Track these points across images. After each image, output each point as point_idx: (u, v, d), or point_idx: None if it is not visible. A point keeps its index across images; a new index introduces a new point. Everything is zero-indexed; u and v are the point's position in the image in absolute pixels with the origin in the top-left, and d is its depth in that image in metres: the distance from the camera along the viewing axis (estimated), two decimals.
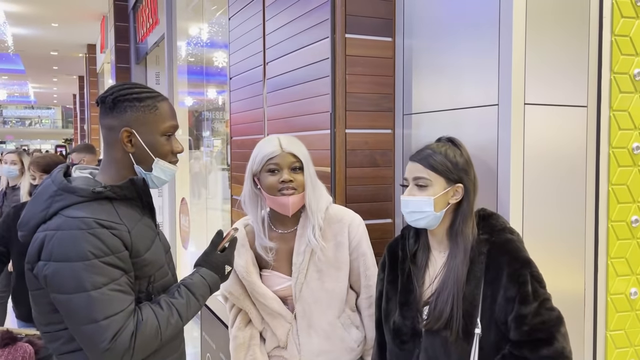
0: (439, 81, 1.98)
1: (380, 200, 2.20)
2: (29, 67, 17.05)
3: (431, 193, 1.46)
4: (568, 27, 1.72)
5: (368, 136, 2.17)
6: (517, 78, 1.63)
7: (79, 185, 1.34)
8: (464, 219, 1.47)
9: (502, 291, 1.39)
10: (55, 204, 1.30)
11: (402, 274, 1.56)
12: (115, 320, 1.25)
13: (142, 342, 1.29)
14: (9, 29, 11.25)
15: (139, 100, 1.39)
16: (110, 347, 1.24)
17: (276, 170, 1.69)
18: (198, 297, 1.44)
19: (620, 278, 1.84)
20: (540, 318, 1.36)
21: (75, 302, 1.24)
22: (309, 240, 1.72)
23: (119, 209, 1.35)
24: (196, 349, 3.33)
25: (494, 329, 1.41)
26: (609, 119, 1.79)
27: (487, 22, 1.72)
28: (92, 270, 1.24)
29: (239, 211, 3.10)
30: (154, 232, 1.45)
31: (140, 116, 1.39)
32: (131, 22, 7.65)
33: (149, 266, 1.37)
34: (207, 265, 1.51)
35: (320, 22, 2.18)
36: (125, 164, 1.41)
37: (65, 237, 1.25)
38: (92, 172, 1.47)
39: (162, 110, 1.42)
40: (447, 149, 1.50)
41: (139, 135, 1.38)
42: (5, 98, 28.89)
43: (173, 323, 1.36)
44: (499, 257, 1.42)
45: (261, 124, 2.77)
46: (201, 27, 5.34)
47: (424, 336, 1.48)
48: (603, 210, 1.80)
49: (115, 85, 1.44)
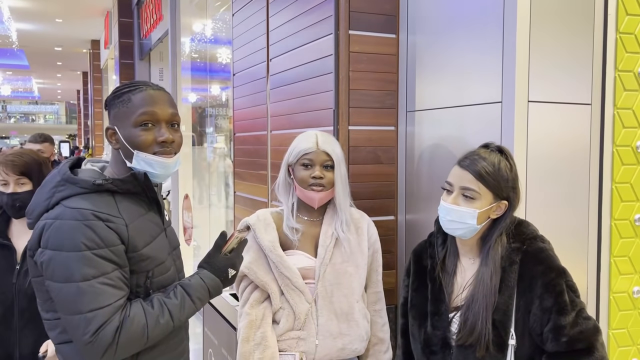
0: (442, 78, 1.97)
1: (383, 197, 2.20)
2: (33, 63, 17.07)
3: (477, 206, 1.40)
4: (572, 25, 1.71)
5: (371, 133, 2.17)
6: (520, 75, 1.63)
7: (82, 177, 1.35)
8: (500, 234, 1.43)
9: (538, 301, 1.36)
10: (58, 194, 1.32)
11: (432, 283, 1.52)
12: (100, 314, 1.25)
13: (127, 339, 1.28)
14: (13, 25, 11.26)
15: (117, 97, 1.41)
16: (92, 340, 1.24)
17: (309, 165, 1.79)
18: (194, 299, 1.41)
19: (623, 276, 1.84)
20: (578, 328, 1.33)
21: (65, 292, 1.25)
22: (337, 232, 1.83)
23: (120, 203, 1.36)
24: (198, 345, 3.34)
25: (527, 340, 1.38)
26: (613, 116, 1.79)
27: (491, 19, 1.72)
28: (84, 262, 1.25)
29: (242, 208, 3.11)
30: (158, 228, 1.45)
31: (117, 112, 1.40)
32: (135, 18, 7.65)
33: (146, 261, 1.37)
34: (208, 268, 1.47)
35: (324, 19, 2.18)
36: (119, 159, 1.43)
37: (62, 226, 1.27)
38: (104, 165, 1.49)
39: (135, 101, 1.38)
40: (500, 161, 1.41)
41: (119, 131, 1.40)
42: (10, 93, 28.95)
43: (162, 323, 1.34)
44: (533, 267, 1.39)
45: (264, 121, 2.77)
46: (205, 23, 5.34)
47: (455, 349, 1.45)
48: (606, 208, 1.79)
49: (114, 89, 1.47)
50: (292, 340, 1.80)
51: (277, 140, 2.65)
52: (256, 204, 2.85)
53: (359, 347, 1.84)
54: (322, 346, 1.78)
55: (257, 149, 2.89)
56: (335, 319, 1.80)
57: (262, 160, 2.81)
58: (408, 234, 2.19)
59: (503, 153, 1.45)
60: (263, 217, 1.88)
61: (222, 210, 5.00)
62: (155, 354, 1.40)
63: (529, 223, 1.48)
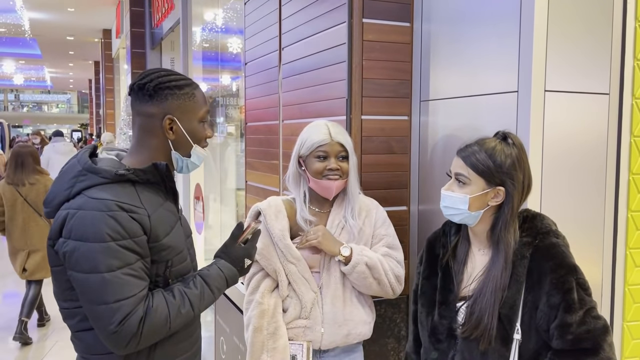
0: (456, 67, 1.95)
1: (396, 187, 2.19)
2: (45, 52, 17.16)
3: (468, 192, 1.41)
4: (591, 13, 1.68)
5: (384, 123, 2.16)
6: (537, 64, 1.60)
7: (102, 166, 1.35)
8: (505, 224, 1.40)
9: (545, 298, 1.35)
10: (79, 184, 1.32)
11: (442, 272, 1.52)
12: (125, 304, 1.26)
13: (150, 329, 1.30)
14: (25, 14, 11.32)
15: (178, 88, 1.43)
16: (117, 330, 1.26)
17: (324, 157, 1.80)
18: (213, 289, 1.44)
19: (638, 269, 1.82)
20: (585, 327, 1.32)
21: (90, 282, 1.26)
22: (347, 220, 1.84)
23: (141, 193, 1.36)
24: (210, 332, 3.37)
25: (534, 335, 1.37)
26: (631, 107, 1.76)
27: (507, 7, 1.69)
28: (108, 253, 1.26)
29: (254, 197, 3.11)
30: (175, 217, 1.46)
31: (181, 104, 1.43)
32: (146, 7, 7.65)
33: (167, 251, 1.38)
34: (225, 258, 1.51)
35: (337, 7, 2.16)
36: (161, 150, 1.44)
37: (85, 217, 1.27)
38: (119, 154, 1.49)
39: (199, 98, 1.47)
40: (496, 147, 1.40)
41: (179, 123, 1.42)
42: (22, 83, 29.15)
43: (183, 313, 1.37)
44: (543, 262, 1.37)
45: (276, 110, 2.76)
46: (216, 13, 5.33)
47: (460, 340, 1.45)
48: (623, 199, 1.77)
49: (149, 72, 1.44)
50: (299, 329, 1.83)
51: (289, 129, 2.64)
52: (268, 193, 2.85)
53: (364, 331, 1.87)
54: (328, 334, 1.82)
55: (268, 139, 2.88)
56: (340, 307, 1.83)
57: (273, 149, 2.81)
58: (420, 224, 2.18)
59: (506, 140, 1.43)
60: (274, 204, 1.89)
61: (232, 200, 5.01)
62: (171, 342, 1.41)
63: (545, 217, 1.45)
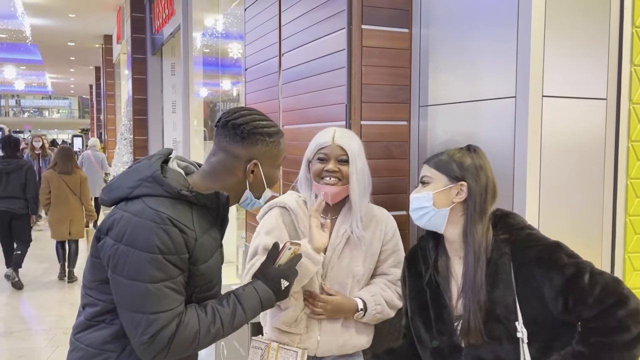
0: (455, 73, 1.97)
1: (396, 192, 2.20)
2: (46, 58, 17.21)
3: (431, 188, 1.47)
4: (588, 19, 1.70)
5: (384, 128, 2.17)
6: (535, 70, 1.62)
7: (170, 181, 1.36)
8: (471, 219, 1.43)
9: (548, 283, 1.34)
10: (142, 188, 1.34)
11: (430, 289, 1.51)
12: (162, 317, 1.28)
13: (178, 344, 1.31)
14: (27, 20, 11.36)
15: (269, 135, 1.45)
16: (149, 342, 1.27)
17: (324, 159, 1.79)
18: (246, 309, 1.43)
19: (637, 273, 1.82)
20: (598, 285, 1.30)
21: (131, 289, 1.28)
22: (352, 230, 1.81)
23: (195, 215, 1.37)
24: None
25: (547, 327, 1.36)
26: (628, 111, 1.77)
27: (505, 13, 1.71)
28: (154, 264, 1.27)
29: None
30: (217, 245, 1.47)
31: (268, 151, 1.45)
32: (147, 13, 7.68)
33: (199, 277, 1.38)
34: (262, 279, 1.49)
35: (337, 13, 2.17)
36: (234, 187, 1.45)
37: (139, 224, 1.28)
38: (188, 167, 1.49)
39: (283, 146, 1.51)
40: (457, 152, 1.48)
41: (261, 167, 1.45)
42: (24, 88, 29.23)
43: (212, 332, 1.37)
44: (525, 252, 1.38)
45: (276, 115, 2.78)
46: (217, 18, 5.35)
47: (464, 350, 1.44)
48: (621, 204, 1.78)
49: (244, 112, 1.45)
50: (295, 336, 1.81)
51: (289, 135, 2.65)
52: None
53: (361, 342, 1.86)
54: (324, 341, 1.81)
55: None
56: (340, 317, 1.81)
57: None
58: (420, 229, 2.19)
59: (468, 148, 1.50)
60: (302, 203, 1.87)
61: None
62: None
63: (517, 215, 1.49)
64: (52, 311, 5.41)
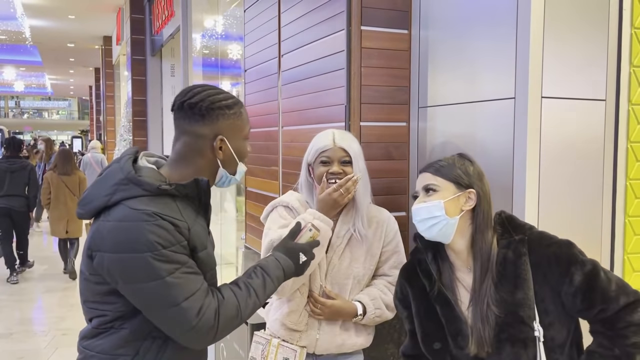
0: (454, 74, 1.97)
1: (395, 193, 2.20)
2: (46, 59, 17.20)
3: (441, 197, 1.41)
4: (587, 20, 1.70)
5: (383, 129, 2.17)
6: (534, 71, 1.62)
7: (145, 178, 1.33)
8: (480, 227, 1.41)
9: (568, 280, 1.33)
10: (120, 193, 1.30)
11: (440, 304, 1.46)
12: (194, 299, 1.28)
13: (225, 321, 1.32)
14: (26, 21, 11.36)
15: (229, 108, 1.41)
16: (195, 325, 1.27)
17: (327, 162, 1.80)
18: (273, 278, 1.45)
19: (636, 274, 1.83)
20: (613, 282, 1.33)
21: (152, 290, 1.25)
22: (356, 228, 1.82)
23: (180, 206, 1.35)
24: None
25: (564, 324, 1.36)
26: (627, 113, 1.77)
27: (504, 14, 1.71)
28: (162, 259, 1.25)
29: (254, 203, 3.12)
30: (205, 232, 1.45)
31: (231, 123, 1.42)
32: (147, 14, 7.69)
33: (201, 265, 1.37)
34: (282, 250, 1.52)
35: (336, 14, 2.18)
36: (207, 168, 1.43)
37: (130, 228, 1.25)
38: (158, 161, 1.47)
39: (245, 116, 1.47)
40: (456, 160, 1.46)
41: (228, 142, 1.42)
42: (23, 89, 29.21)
43: (250, 304, 1.38)
44: (543, 251, 1.37)
45: (276, 116, 2.78)
46: (216, 20, 5.36)
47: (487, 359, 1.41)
48: (620, 205, 1.78)
49: (198, 90, 1.41)
50: (296, 333, 1.83)
51: (288, 136, 2.65)
52: (267, 199, 2.86)
53: (360, 342, 1.87)
54: (323, 340, 1.83)
55: (268, 145, 2.90)
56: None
57: (273, 156, 2.82)
58: None
59: (461, 156, 1.49)
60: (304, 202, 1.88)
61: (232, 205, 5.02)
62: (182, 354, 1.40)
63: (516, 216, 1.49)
64: (51, 312, 5.43)
